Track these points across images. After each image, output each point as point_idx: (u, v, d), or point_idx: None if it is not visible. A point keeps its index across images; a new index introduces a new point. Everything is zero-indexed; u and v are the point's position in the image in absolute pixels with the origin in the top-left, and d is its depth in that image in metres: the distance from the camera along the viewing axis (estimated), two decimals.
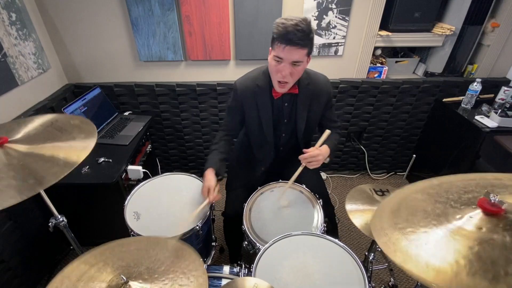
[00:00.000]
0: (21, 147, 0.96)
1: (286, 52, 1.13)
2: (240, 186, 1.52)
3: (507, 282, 0.54)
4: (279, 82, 1.23)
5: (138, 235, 1.19)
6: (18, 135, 1.01)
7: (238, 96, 1.37)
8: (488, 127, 1.83)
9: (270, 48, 1.21)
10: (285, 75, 1.19)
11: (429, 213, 0.73)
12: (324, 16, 1.92)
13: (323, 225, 1.26)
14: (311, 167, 1.30)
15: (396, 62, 2.26)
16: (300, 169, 1.31)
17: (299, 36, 1.09)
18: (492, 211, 0.65)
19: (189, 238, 1.25)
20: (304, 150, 1.30)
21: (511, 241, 0.60)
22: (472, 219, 0.67)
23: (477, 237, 0.63)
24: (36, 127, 1.07)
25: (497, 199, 0.65)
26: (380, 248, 1.51)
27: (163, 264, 0.83)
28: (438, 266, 0.61)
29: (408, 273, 0.62)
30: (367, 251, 1.39)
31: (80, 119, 1.14)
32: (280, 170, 1.57)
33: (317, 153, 1.28)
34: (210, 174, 1.31)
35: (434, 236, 0.68)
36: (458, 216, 0.69)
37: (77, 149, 0.99)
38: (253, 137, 1.50)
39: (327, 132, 1.30)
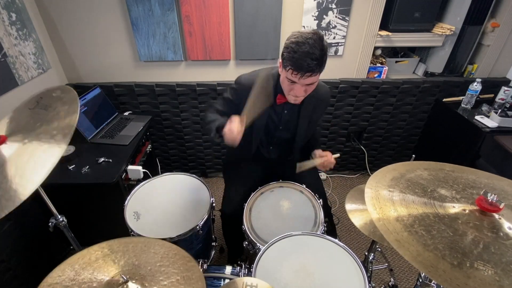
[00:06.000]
0: (19, 138, 0.96)
1: (300, 79, 1.09)
2: (238, 182, 1.52)
3: (467, 273, 0.58)
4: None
5: (138, 235, 1.19)
6: (12, 128, 1.02)
7: (240, 91, 1.29)
8: (488, 127, 1.83)
9: (280, 62, 1.14)
10: (299, 94, 1.15)
11: (426, 192, 0.77)
12: (324, 16, 1.92)
13: (323, 225, 1.26)
14: (322, 169, 1.33)
15: (396, 62, 2.26)
16: (312, 164, 1.32)
17: (313, 65, 1.04)
18: (489, 210, 0.66)
19: (189, 238, 1.25)
20: (321, 153, 1.34)
21: (490, 242, 0.62)
22: (465, 212, 0.69)
23: (461, 229, 0.66)
24: (24, 112, 1.07)
25: (495, 198, 0.66)
26: (380, 248, 1.52)
27: (161, 264, 0.83)
28: (407, 235, 0.66)
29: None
30: (367, 251, 1.39)
31: (61, 88, 1.10)
32: (277, 171, 1.57)
33: (333, 162, 1.31)
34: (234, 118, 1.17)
35: (418, 208, 0.73)
36: (453, 205, 0.71)
37: (66, 119, 0.97)
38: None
39: (338, 154, 1.34)
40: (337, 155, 1.32)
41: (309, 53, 1.04)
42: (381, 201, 0.75)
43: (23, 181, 0.84)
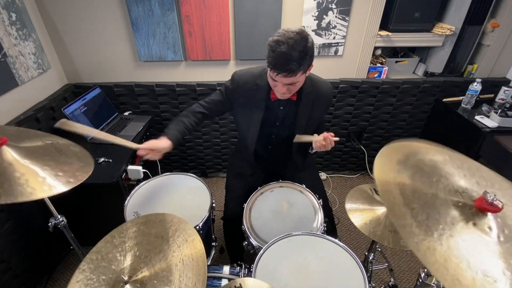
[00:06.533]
0: (17, 155, 0.95)
1: (278, 78, 1.09)
2: (239, 188, 1.52)
3: None
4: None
5: None
6: (20, 144, 1.01)
7: (233, 87, 1.33)
8: (488, 127, 1.83)
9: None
10: (281, 92, 1.16)
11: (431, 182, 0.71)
12: (324, 16, 1.92)
13: (323, 225, 1.26)
14: (317, 148, 1.26)
15: (396, 62, 2.26)
16: (309, 138, 1.26)
17: (290, 65, 1.04)
18: (491, 211, 0.65)
19: None
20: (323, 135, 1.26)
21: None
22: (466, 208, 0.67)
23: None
24: (35, 137, 1.07)
25: (495, 198, 0.65)
26: (380, 248, 1.51)
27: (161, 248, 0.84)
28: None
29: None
30: (367, 251, 1.39)
31: (80, 148, 1.13)
32: (277, 170, 1.57)
33: (333, 139, 1.24)
34: (164, 139, 1.25)
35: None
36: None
37: (79, 172, 1.00)
38: (240, 131, 1.50)
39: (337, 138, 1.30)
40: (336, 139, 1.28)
41: (286, 53, 1.02)
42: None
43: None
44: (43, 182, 0.90)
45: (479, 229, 0.64)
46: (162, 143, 1.23)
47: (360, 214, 1.23)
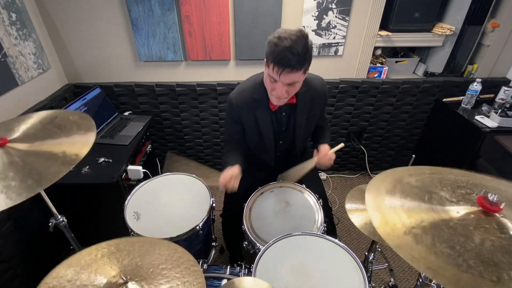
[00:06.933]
0: (21, 146, 0.95)
1: (280, 75, 1.08)
2: (239, 188, 1.52)
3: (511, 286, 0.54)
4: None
5: (138, 235, 1.19)
6: (18, 134, 1.01)
7: (234, 110, 1.31)
8: (488, 127, 1.83)
9: (265, 61, 1.13)
10: (281, 94, 1.14)
11: (424, 201, 0.75)
12: (324, 16, 1.92)
13: (323, 225, 1.26)
14: (322, 168, 1.30)
15: (396, 62, 2.26)
16: (311, 165, 1.30)
17: (294, 60, 1.02)
18: (491, 210, 0.65)
19: (189, 238, 1.25)
20: (321, 148, 1.31)
21: (510, 244, 0.60)
22: (471, 216, 0.67)
23: (477, 237, 0.63)
24: (35, 124, 1.06)
25: (495, 198, 0.65)
26: (380, 248, 1.52)
27: (164, 267, 0.83)
28: (434, 258, 0.61)
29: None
30: (367, 251, 1.39)
31: (79, 114, 1.11)
32: (278, 171, 1.57)
33: (333, 156, 1.29)
34: (235, 166, 1.27)
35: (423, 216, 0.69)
36: (457, 211, 0.70)
37: (77, 146, 0.98)
38: (252, 146, 1.48)
39: (342, 144, 1.30)
40: (340, 146, 1.29)
41: (291, 47, 1.01)
42: (387, 217, 0.72)
43: None
44: (55, 164, 0.90)
45: (491, 232, 0.64)
46: (234, 169, 1.25)
47: (360, 214, 1.23)
